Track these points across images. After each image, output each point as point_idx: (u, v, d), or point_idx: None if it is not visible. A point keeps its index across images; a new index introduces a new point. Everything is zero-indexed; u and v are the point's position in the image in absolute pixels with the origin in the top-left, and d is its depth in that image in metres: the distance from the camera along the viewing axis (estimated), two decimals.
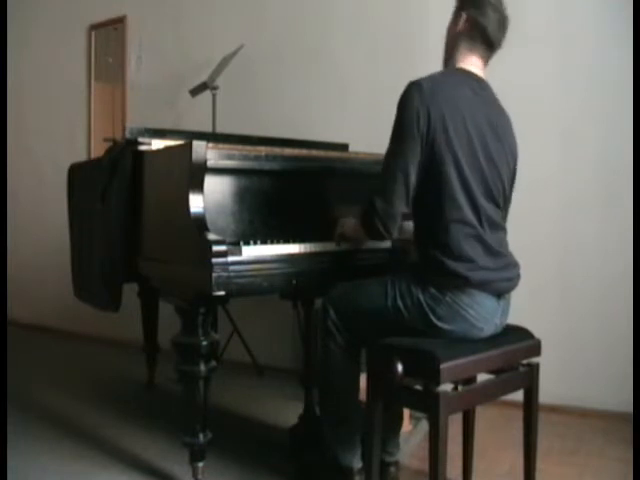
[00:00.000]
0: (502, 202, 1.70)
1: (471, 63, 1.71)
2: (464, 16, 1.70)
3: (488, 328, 1.65)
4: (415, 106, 1.56)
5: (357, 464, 1.76)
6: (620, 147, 2.55)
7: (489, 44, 1.71)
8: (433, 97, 1.57)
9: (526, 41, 2.70)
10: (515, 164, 1.75)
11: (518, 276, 1.72)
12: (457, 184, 1.57)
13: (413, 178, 1.59)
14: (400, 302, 1.63)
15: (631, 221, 2.49)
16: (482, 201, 1.61)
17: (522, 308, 2.02)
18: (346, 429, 1.76)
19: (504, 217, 1.76)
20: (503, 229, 1.72)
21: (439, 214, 1.59)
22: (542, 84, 2.69)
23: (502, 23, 1.70)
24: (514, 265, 1.71)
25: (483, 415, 2.11)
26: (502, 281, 1.64)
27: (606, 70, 2.59)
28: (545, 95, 2.69)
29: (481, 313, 1.61)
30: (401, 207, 1.61)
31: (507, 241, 1.73)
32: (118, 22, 4.01)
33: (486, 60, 1.74)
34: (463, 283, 1.58)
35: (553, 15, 2.68)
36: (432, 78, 1.63)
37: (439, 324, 1.61)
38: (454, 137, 1.56)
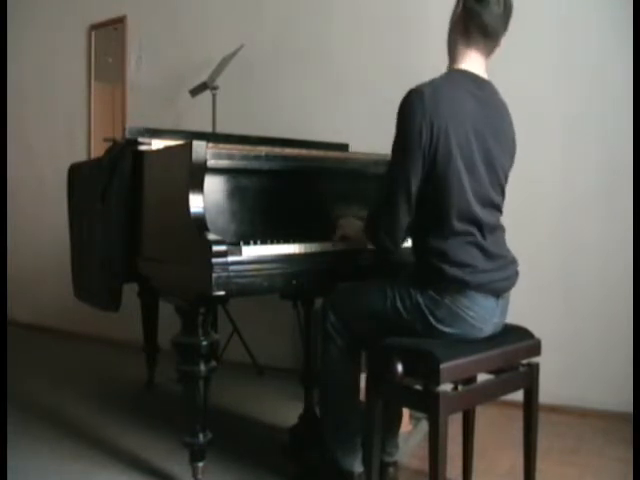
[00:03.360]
0: (501, 201, 1.70)
1: (470, 60, 1.64)
2: (461, 4, 1.61)
3: (487, 328, 1.65)
4: (418, 118, 1.51)
5: (358, 468, 1.76)
6: (621, 147, 2.55)
7: (485, 34, 1.60)
8: (436, 107, 1.52)
9: (527, 41, 2.71)
10: (512, 162, 1.74)
11: (516, 273, 1.71)
12: (457, 196, 1.56)
13: (415, 190, 1.57)
14: (399, 304, 1.63)
15: (632, 223, 2.49)
16: (481, 210, 1.60)
17: (523, 308, 2.02)
18: (346, 431, 1.76)
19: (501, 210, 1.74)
20: (501, 228, 1.71)
21: (438, 225, 1.59)
22: (543, 84, 2.69)
23: (504, 9, 1.59)
24: (512, 262, 1.70)
25: (483, 415, 2.11)
26: (500, 281, 1.64)
27: (607, 70, 2.58)
28: (546, 95, 2.69)
29: (481, 314, 1.61)
30: (405, 220, 1.60)
31: (504, 238, 1.73)
32: (118, 22, 4.00)
33: (487, 53, 1.65)
34: (462, 287, 1.57)
35: (554, 14, 2.68)
36: (433, 85, 1.57)
37: (439, 326, 1.60)
38: (457, 149, 1.54)
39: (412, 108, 1.53)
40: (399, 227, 1.61)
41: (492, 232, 1.64)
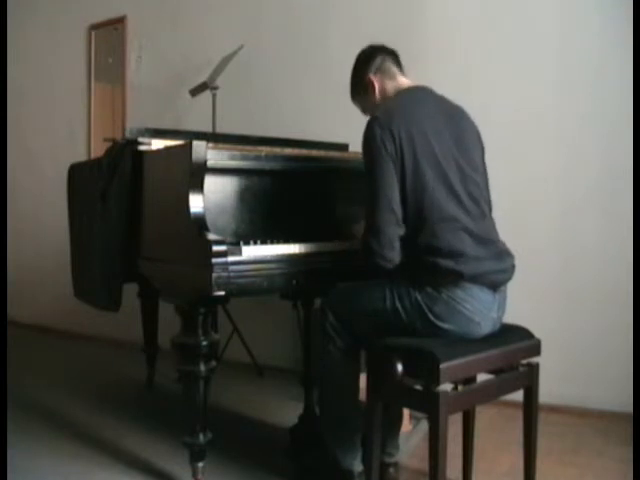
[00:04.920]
0: (482, 180, 1.74)
1: (401, 82, 1.83)
2: (370, 78, 1.85)
3: (486, 323, 1.66)
4: (377, 133, 1.63)
5: (357, 467, 1.76)
6: (621, 150, 2.54)
7: (395, 60, 1.88)
8: (391, 118, 1.64)
9: (527, 41, 2.71)
10: (481, 139, 1.83)
11: (513, 267, 1.73)
12: (436, 185, 1.61)
13: (397, 199, 1.61)
14: (399, 304, 1.64)
15: (632, 224, 2.49)
16: (463, 192, 1.65)
17: (524, 308, 2.02)
18: (346, 431, 1.76)
19: (488, 201, 1.78)
20: (488, 216, 1.74)
21: (422, 220, 1.62)
22: (543, 85, 2.69)
23: (379, 48, 1.90)
24: (507, 254, 1.73)
25: (483, 415, 2.11)
26: (496, 272, 1.66)
27: (607, 70, 2.58)
28: (546, 96, 2.68)
29: (477, 307, 1.62)
30: (395, 233, 1.62)
31: (496, 228, 1.75)
32: (118, 22, 4.00)
33: (403, 71, 1.89)
34: (457, 277, 1.59)
35: (554, 15, 2.68)
36: (384, 106, 1.74)
37: (437, 323, 1.61)
38: (424, 142, 1.62)
39: (371, 129, 1.66)
40: (389, 243, 1.62)
41: (479, 217, 1.68)
